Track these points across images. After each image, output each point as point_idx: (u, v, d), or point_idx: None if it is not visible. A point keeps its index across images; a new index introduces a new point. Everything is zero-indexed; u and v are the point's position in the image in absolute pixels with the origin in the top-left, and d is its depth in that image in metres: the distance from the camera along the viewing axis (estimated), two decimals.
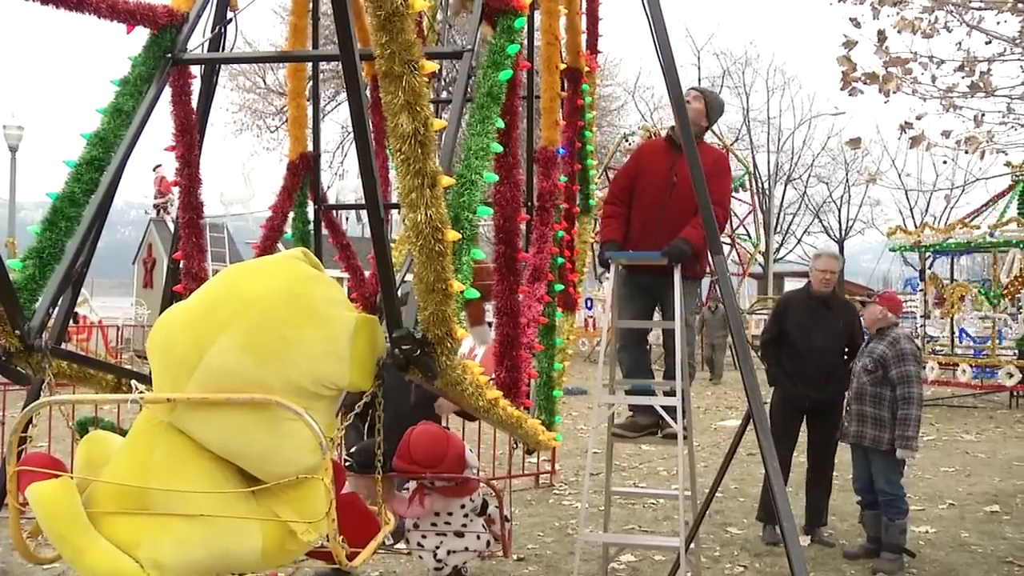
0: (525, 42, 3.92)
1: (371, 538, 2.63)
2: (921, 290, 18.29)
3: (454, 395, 2.82)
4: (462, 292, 2.49)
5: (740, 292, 33.25)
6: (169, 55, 3.59)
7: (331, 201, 7.16)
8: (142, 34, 3.61)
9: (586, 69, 5.60)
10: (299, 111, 4.92)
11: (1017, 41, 8.31)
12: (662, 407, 5.33)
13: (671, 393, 5.33)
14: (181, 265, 3.91)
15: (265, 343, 2.26)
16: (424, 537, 4.45)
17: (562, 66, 4.79)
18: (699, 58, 43.88)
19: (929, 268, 19.04)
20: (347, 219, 21.91)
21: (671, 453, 8.99)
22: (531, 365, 4.01)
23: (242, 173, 25.54)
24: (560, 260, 4.90)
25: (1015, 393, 16.60)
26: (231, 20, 4.19)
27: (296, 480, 2.33)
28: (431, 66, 2.20)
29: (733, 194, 29.80)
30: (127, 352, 19.10)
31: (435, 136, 2.21)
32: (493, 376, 3.55)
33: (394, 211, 5.47)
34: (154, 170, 22.93)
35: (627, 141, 28.24)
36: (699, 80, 43.04)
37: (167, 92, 3.68)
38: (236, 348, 2.24)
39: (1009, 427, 13.81)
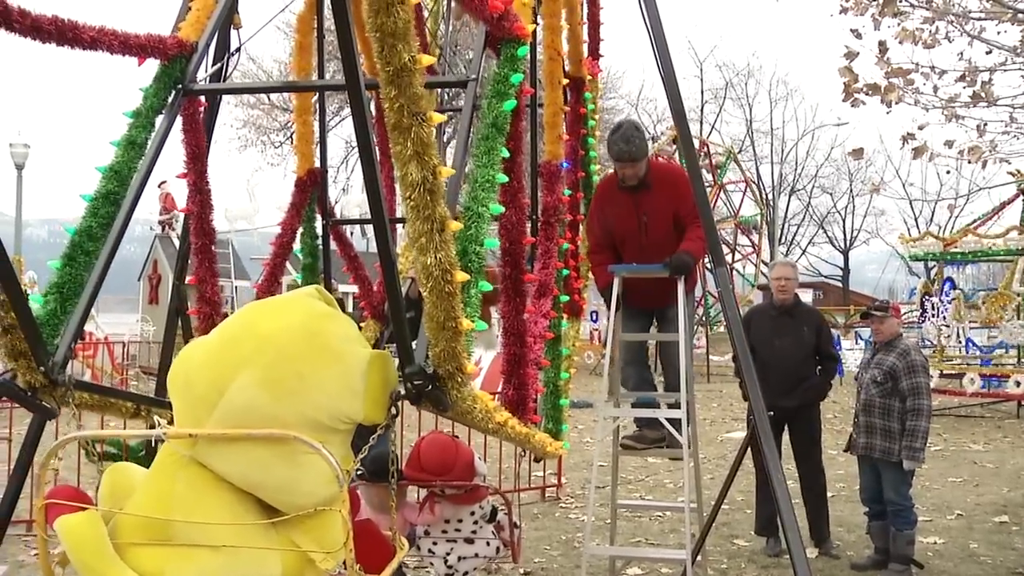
0: (528, 58, 3.95)
1: (386, 564, 2.68)
2: (953, 299, 17.72)
3: (465, 421, 2.90)
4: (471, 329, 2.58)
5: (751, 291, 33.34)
6: (180, 86, 3.65)
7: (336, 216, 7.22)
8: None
9: (588, 78, 5.63)
10: (306, 128, 4.96)
11: (1018, 51, 8.33)
12: (667, 419, 5.35)
13: (675, 405, 5.33)
14: (195, 289, 3.97)
15: (283, 380, 2.34)
16: (435, 544, 4.52)
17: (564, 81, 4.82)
18: (702, 70, 44.01)
19: (934, 277, 18.92)
20: (352, 233, 21.92)
21: (677, 466, 8.96)
22: (538, 381, 4.05)
23: (247, 189, 25.63)
24: (565, 272, 4.92)
25: (1023, 403, 16.52)
26: (238, 50, 4.26)
27: (314, 510, 2.40)
28: (439, 117, 2.28)
29: (746, 236, 29.79)
30: (133, 368, 19.12)
31: (443, 183, 2.29)
32: (499, 391, 3.59)
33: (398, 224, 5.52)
34: (159, 187, 23.00)
35: (654, 141, 28.34)
36: (702, 92, 43.14)
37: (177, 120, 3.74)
38: (255, 385, 2.33)
39: (1017, 436, 13.75)
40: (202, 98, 3.89)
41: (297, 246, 4.97)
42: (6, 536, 7.07)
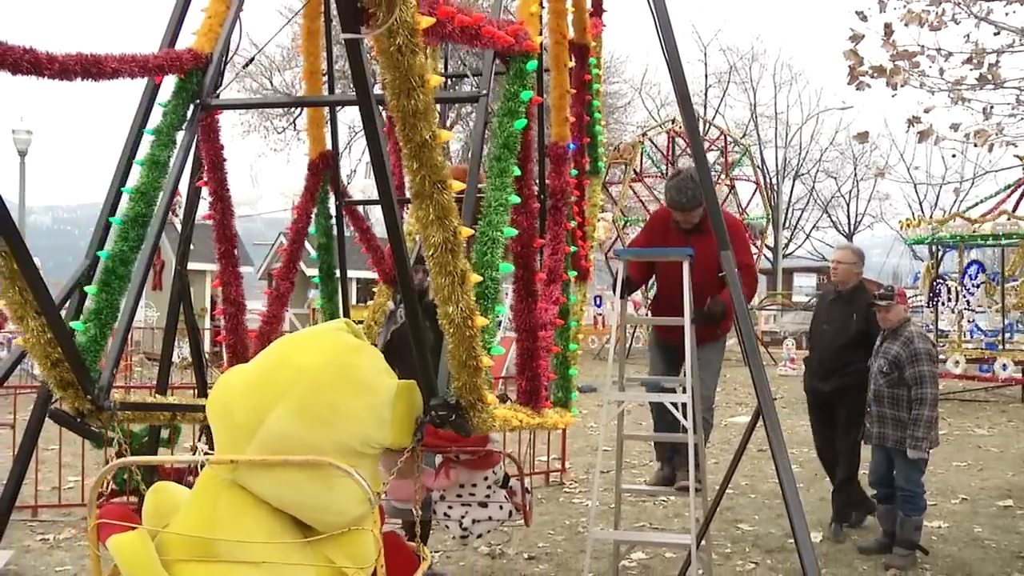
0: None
1: (411, 574, 2.91)
2: (983, 283, 17.17)
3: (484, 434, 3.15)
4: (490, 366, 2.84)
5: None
6: (198, 100, 3.71)
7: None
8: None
9: (592, 44, 5.60)
10: (316, 112, 4.98)
11: None
12: (672, 404, 5.36)
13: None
14: (220, 292, 4.12)
15: (317, 410, 2.55)
16: (450, 508, 4.68)
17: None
18: (706, 54, 43.88)
19: (940, 262, 18.78)
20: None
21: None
22: (549, 368, 4.20)
23: (250, 174, 25.62)
24: (573, 249, 4.95)
25: None
26: (251, 61, 4.31)
27: (347, 529, 2.62)
28: (458, 185, 2.49)
29: (736, 177, 29.65)
30: (137, 355, 19.15)
31: (463, 241, 2.51)
32: (504, 375, 3.67)
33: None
34: None
35: (673, 122, 28.33)
36: (706, 76, 42.97)
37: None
38: (291, 415, 2.54)
39: (1022, 421, 13.75)
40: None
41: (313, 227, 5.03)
42: (12, 522, 7.11)
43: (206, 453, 2.66)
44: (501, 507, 4.65)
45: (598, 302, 27.31)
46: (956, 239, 17.17)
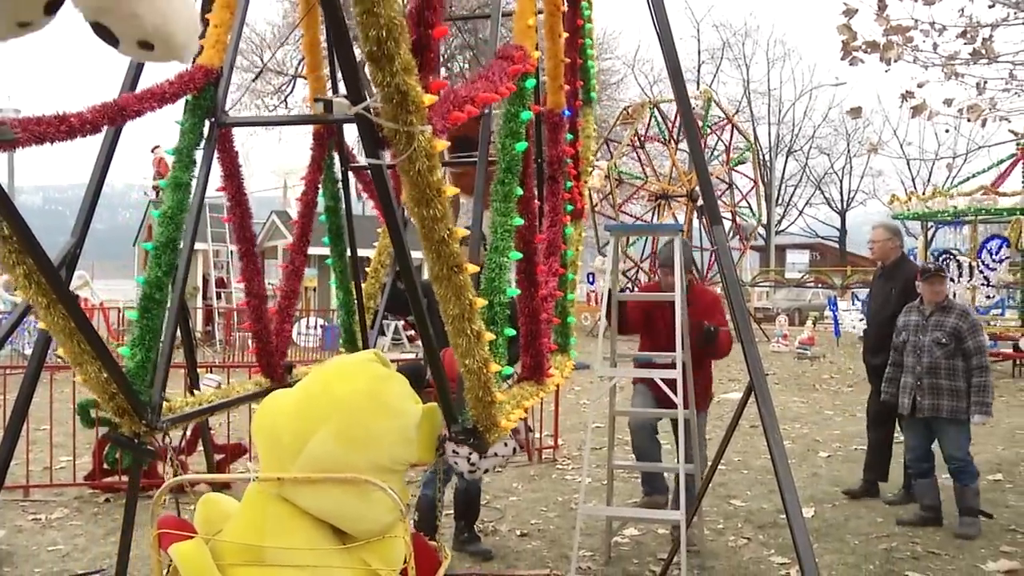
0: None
1: (434, 573, 3.28)
2: (1007, 258, 16.93)
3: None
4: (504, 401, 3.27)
5: (742, 266, 32.98)
6: (213, 119, 3.84)
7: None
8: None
9: None
10: (319, 83, 4.97)
11: (1021, 5, 8.20)
12: (663, 380, 5.36)
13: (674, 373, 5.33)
14: (243, 286, 4.38)
15: (354, 433, 2.92)
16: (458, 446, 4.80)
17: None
18: (699, 30, 43.77)
19: (932, 239, 18.79)
20: (360, 198, 21.65)
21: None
22: (551, 340, 4.43)
23: (241, 153, 25.43)
24: (569, 207, 4.96)
25: (1018, 362, 16.57)
26: (258, 75, 4.37)
27: (381, 536, 3.00)
28: (473, 268, 2.81)
29: (735, 169, 29.60)
30: (129, 335, 19.10)
31: (478, 309, 2.84)
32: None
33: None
34: (152, 151, 22.85)
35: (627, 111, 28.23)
36: (699, 53, 42.78)
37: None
38: (332, 438, 2.90)
39: (1012, 396, 13.82)
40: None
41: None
42: (4, 502, 7.09)
43: (255, 472, 3.05)
44: (506, 444, 4.82)
45: (591, 279, 27.30)
46: (973, 213, 17.03)
